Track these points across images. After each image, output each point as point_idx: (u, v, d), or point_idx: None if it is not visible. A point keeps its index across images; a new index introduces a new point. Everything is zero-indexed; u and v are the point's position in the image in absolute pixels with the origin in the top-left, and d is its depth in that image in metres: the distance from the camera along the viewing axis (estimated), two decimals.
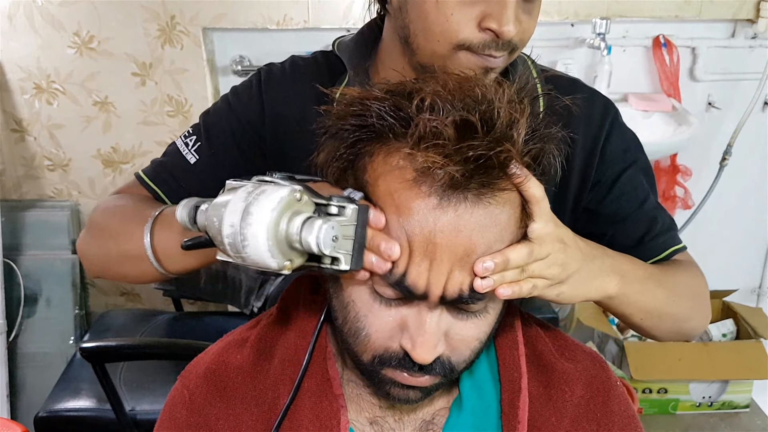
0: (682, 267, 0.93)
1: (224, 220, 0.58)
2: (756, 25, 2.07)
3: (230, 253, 0.59)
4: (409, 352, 0.62)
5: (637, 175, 0.92)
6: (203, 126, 0.93)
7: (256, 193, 0.58)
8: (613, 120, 0.91)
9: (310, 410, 0.71)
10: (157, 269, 0.80)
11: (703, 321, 0.94)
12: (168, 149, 0.96)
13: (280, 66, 0.94)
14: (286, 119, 0.90)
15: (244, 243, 0.57)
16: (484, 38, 0.76)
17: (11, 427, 1.29)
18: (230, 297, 1.99)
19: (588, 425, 0.74)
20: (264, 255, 0.56)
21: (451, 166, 0.57)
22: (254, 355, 0.75)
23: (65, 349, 2.15)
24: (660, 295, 0.85)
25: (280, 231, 0.56)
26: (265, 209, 0.56)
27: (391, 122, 0.61)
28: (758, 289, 2.46)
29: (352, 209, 0.58)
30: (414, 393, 0.67)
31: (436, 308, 0.62)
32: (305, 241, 0.56)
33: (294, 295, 0.79)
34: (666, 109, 2.05)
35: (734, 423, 2.02)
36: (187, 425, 0.74)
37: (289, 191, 0.57)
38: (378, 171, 0.62)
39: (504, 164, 0.59)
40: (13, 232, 2.13)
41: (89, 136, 2.10)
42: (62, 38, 1.97)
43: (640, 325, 0.86)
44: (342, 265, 0.59)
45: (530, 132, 0.62)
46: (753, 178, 2.29)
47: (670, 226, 0.94)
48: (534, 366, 0.75)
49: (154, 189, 0.93)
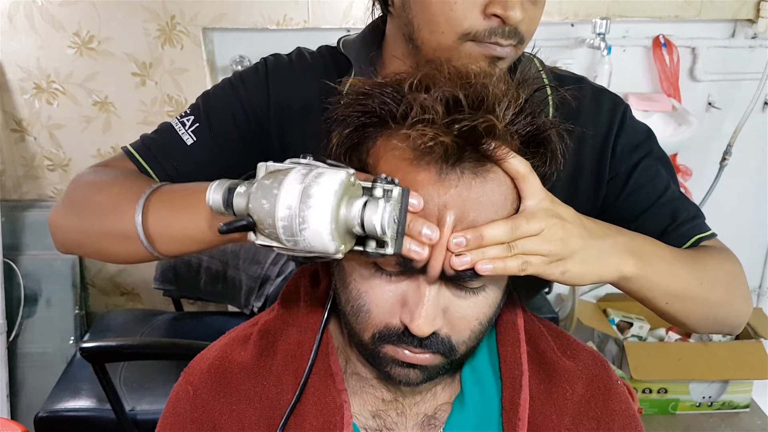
0: (713, 251, 0.86)
1: (279, 201, 0.55)
2: (756, 25, 2.07)
3: (282, 236, 0.56)
4: (407, 325, 0.63)
5: (654, 165, 0.89)
6: (203, 108, 0.91)
7: (314, 174, 0.56)
8: (623, 116, 0.89)
9: (313, 405, 0.71)
10: (149, 250, 0.76)
11: (743, 307, 0.86)
12: (160, 127, 0.92)
13: (287, 56, 0.93)
14: (291, 108, 0.89)
15: (303, 226, 0.55)
16: (490, 25, 0.75)
17: (11, 427, 1.29)
18: (230, 297, 2.00)
19: (588, 423, 0.74)
20: (324, 238, 0.55)
21: (441, 138, 0.59)
22: (257, 351, 0.76)
23: (65, 349, 2.14)
24: (688, 277, 0.79)
25: (340, 213, 0.55)
26: (327, 191, 0.55)
27: (391, 107, 0.63)
28: (758, 289, 2.46)
29: (398, 191, 0.57)
30: (415, 373, 0.67)
31: (435, 283, 0.63)
32: (369, 223, 0.55)
33: (294, 291, 0.79)
34: (666, 109, 2.06)
35: (734, 423, 2.02)
36: (190, 420, 0.74)
37: (346, 174, 0.56)
38: (380, 153, 0.64)
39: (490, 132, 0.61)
40: (13, 232, 2.13)
41: (89, 136, 2.10)
42: (62, 38, 1.97)
43: (667, 311, 0.80)
44: (388, 248, 0.58)
45: (519, 112, 0.63)
46: (753, 178, 2.29)
47: (696, 214, 0.89)
48: (535, 364, 0.76)
49: (145, 167, 0.88)
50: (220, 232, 0.60)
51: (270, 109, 0.89)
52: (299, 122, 0.88)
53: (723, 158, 2.10)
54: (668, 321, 0.83)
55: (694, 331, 0.86)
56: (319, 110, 0.68)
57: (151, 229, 0.75)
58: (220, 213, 0.63)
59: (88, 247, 0.84)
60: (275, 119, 0.89)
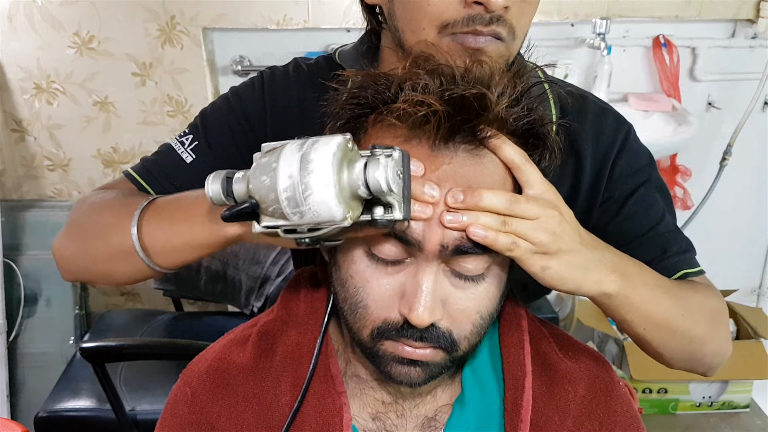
0: (699, 287, 0.84)
1: (279, 173, 0.54)
2: (756, 25, 2.07)
3: (287, 210, 0.54)
4: (406, 316, 0.62)
5: (651, 194, 0.87)
6: (201, 125, 0.91)
7: (310, 142, 0.55)
8: (625, 137, 0.87)
9: (313, 408, 0.71)
10: (147, 264, 0.75)
11: (722, 348, 0.83)
12: (160, 149, 0.92)
13: (284, 69, 0.93)
14: (288, 121, 0.89)
15: (306, 193, 0.53)
16: (469, 12, 0.72)
17: (11, 427, 1.29)
18: (230, 297, 2.00)
19: (590, 425, 0.73)
20: (330, 203, 0.53)
21: (433, 107, 0.59)
22: (256, 353, 0.75)
23: (65, 349, 2.14)
24: (670, 306, 0.76)
25: (342, 177, 0.54)
26: (326, 153, 0.53)
27: (385, 94, 0.63)
28: (758, 289, 2.46)
29: (398, 153, 0.56)
30: (416, 371, 0.66)
31: (432, 264, 0.62)
32: (373, 180, 0.53)
33: (294, 292, 0.79)
34: (666, 109, 2.06)
35: (734, 423, 2.02)
36: (188, 423, 0.74)
37: (343, 138, 0.55)
38: (374, 135, 0.65)
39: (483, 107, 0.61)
40: (13, 232, 2.12)
41: (89, 136, 2.10)
42: (62, 38, 1.97)
43: (644, 337, 0.77)
44: (396, 213, 0.57)
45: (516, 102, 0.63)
46: (753, 178, 2.29)
47: (686, 249, 0.87)
48: (537, 365, 0.75)
49: (145, 187, 0.89)
50: (223, 219, 0.59)
51: (267, 118, 0.89)
52: (296, 131, 0.87)
53: (723, 158, 2.10)
54: (643, 349, 0.81)
55: (667, 365, 0.83)
56: (316, 119, 0.68)
57: (149, 242, 0.74)
58: (221, 204, 0.61)
59: (93, 271, 0.83)
60: (272, 129, 0.89)
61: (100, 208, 0.83)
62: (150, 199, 0.77)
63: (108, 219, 0.80)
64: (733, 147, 2.08)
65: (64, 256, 0.85)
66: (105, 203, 0.83)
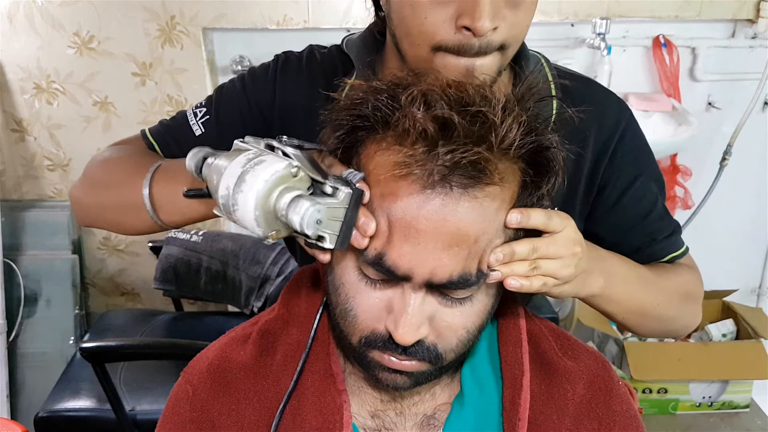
0: (679, 270, 0.94)
1: (221, 181, 0.61)
2: (756, 25, 2.08)
3: (224, 211, 0.63)
4: (392, 333, 0.63)
5: (647, 185, 0.92)
6: (215, 101, 0.95)
7: (255, 161, 0.60)
8: (627, 124, 0.89)
9: (313, 405, 0.71)
10: (154, 219, 0.84)
11: (690, 322, 0.96)
12: (177, 114, 0.98)
13: (298, 55, 0.95)
14: (294, 108, 0.90)
15: (234, 207, 0.60)
16: (460, 40, 0.72)
17: (11, 427, 1.29)
18: (230, 297, 2.00)
19: (589, 424, 0.73)
20: (251, 222, 0.59)
21: (429, 164, 0.58)
22: (257, 351, 0.76)
23: (65, 349, 2.15)
24: (646, 298, 0.87)
25: (269, 203, 0.59)
26: (258, 179, 0.58)
27: (385, 113, 0.62)
28: (758, 289, 2.46)
29: (345, 193, 0.60)
30: (402, 379, 0.67)
31: (420, 290, 0.63)
32: (290, 219, 0.58)
33: (295, 291, 0.79)
34: (666, 109, 2.06)
35: (734, 423, 2.03)
36: (190, 420, 0.74)
37: (285, 165, 0.59)
38: (368, 158, 0.64)
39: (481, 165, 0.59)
40: (13, 232, 2.13)
41: (89, 136, 2.10)
42: (62, 38, 1.97)
43: (622, 323, 0.89)
44: (327, 243, 0.61)
45: (523, 135, 0.61)
46: (753, 178, 2.29)
47: (673, 231, 0.95)
48: (536, 364, 0.75)
49: (157, 150, 0.95)
50: (184, 196, 0.68)
51: (275, 106, 0.91)
52: (303, 120, 0.88)
53: (723, 158, 2.10)
54: (621, 327, 0.96)
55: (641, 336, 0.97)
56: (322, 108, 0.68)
57: (156, 200, 0.83)
58: (197, 179, 0.70)
59: (105, 219, 0.93)
60: (279, 116, 0.91)
61: (115, 163, 0.92)
62: (161, 162, 0.85)
63: (122, 176, 0.88)
64: (733, 147, 2.08)
65: (79, 202, 0.94)
66: (120, 160, 0.92)
